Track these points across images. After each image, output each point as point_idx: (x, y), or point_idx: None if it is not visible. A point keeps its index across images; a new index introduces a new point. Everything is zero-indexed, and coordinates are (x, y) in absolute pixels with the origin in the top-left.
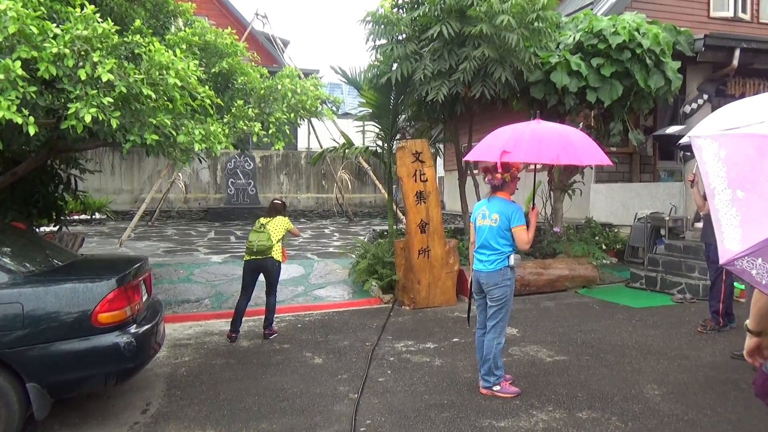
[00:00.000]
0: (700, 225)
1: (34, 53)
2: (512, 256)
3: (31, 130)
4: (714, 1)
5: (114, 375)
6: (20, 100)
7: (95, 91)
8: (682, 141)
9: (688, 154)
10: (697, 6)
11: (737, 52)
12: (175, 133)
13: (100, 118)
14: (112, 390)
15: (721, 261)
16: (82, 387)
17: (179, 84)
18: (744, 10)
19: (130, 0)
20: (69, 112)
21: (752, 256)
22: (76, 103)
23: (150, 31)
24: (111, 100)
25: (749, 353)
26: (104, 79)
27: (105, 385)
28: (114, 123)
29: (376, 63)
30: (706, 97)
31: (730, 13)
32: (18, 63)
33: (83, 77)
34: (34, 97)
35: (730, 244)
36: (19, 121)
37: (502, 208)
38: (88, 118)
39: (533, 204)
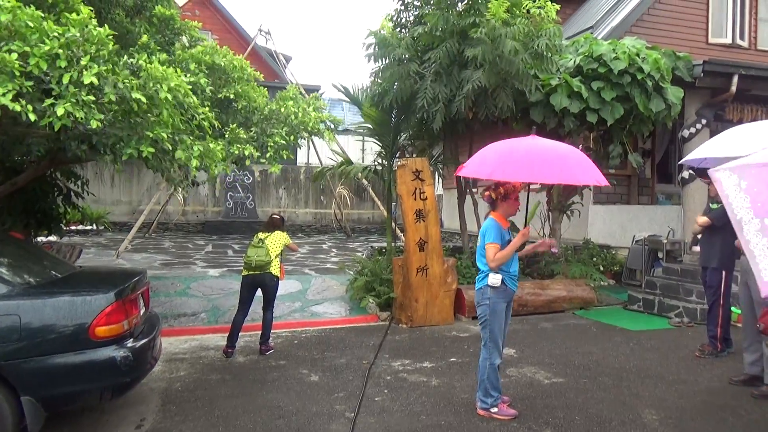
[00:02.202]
0: (697, 249)
1: (27, 48)
2: (491, 276)
3: (32, 117)
4: (713, 27)
5: (110, 389)
6: (16, 92)
7: (76, 89)
8: (686, 159)
9: (692, 173)
10: (696, 32)
11: (735, 79)
12: (171, 148)
13: (77, 115)
14: (107, 404)
15: (763, 294)
16: (78, 401)
17: (170, 98)
18: (742, 37)
19: (132, 15)
20: (44, 104)
21: None
22: (53, 99)
23: (158, 48)
24: (93, 99)
25: None
26: (86, 82)
27: (100, 399)
28: (94, 124)
29: (377, 82)
30: (704, 121)
31: (729, 40)
32: (14, 56)
33: (66, 80)
34: (31, 91)
35: None
36: (18, 108)
37: (483, 227)
38: (60, 111)
39: (525, 223)
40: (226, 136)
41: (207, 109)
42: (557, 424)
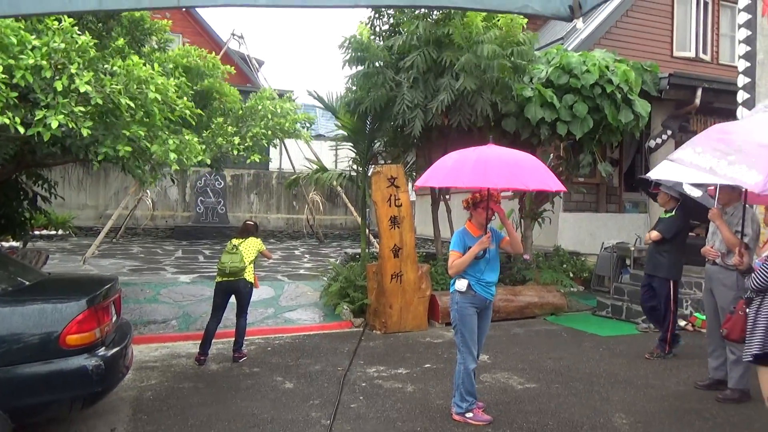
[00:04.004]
0: None
1: (11, 61)
2: (458, 281)
3: (21, 129)
4: (677, 41)
5: (80, 400)
6: (3, 104)
7: (66, 100)
8: (651, 175)
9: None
10: (661, 45)
11: (699, 92)
12: (149, 145)
13: (69, 126)
14: (76, 414)
15: (758, 189)
16: (47, 412)
17: (159, 98)
18: (705, 51)
19: (104, 21)
20: (36, 119)
21: None
22: (45, 110)
23: (132, 51)
24: (83, 110)
25: None
26: (81, 90)
27: (70, 410)
28: (85, 132)
29: (353, 89)
30: (669, 132)
31: (692, 54)
32: (0, 68)
33: (59, 88)
34: (17, 102)
35: None
36: (7, 122)
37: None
38: (54, 124)
39: (486, 231)
40: (212, 126)
41: (185, 99)
42: (531, 429)
